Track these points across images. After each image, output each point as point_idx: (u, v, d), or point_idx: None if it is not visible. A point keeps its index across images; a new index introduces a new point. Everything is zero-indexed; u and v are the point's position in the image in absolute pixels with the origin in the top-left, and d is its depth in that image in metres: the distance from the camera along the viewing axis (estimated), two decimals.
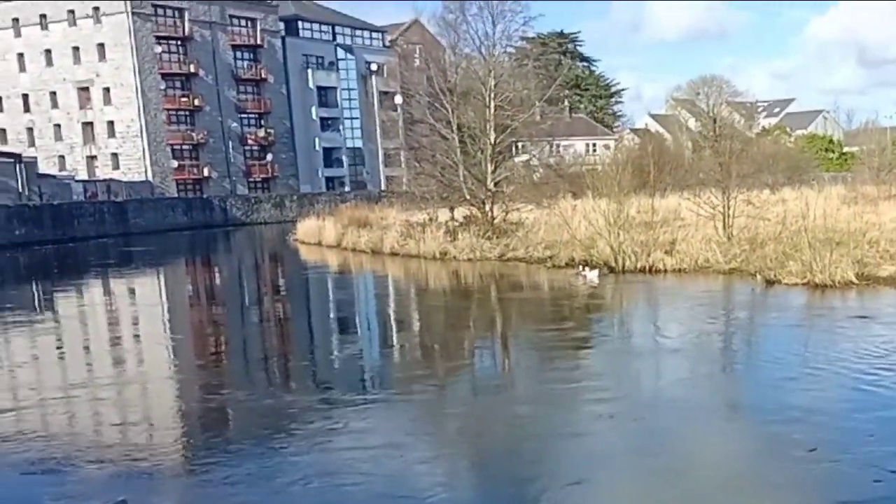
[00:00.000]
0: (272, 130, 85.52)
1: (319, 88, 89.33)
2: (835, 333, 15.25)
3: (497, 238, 31.11)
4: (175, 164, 78.05)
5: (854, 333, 15.00)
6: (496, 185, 33.48)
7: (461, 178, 33.58)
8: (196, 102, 79.40)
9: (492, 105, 33.24)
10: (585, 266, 24.10)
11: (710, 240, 24.98)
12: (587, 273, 23.24)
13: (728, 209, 25.89)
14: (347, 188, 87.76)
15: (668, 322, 17.57)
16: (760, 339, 15.83)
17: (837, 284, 19.47)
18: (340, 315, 22.19)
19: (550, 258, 27.12)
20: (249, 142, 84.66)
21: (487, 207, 32.96)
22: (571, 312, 19.40)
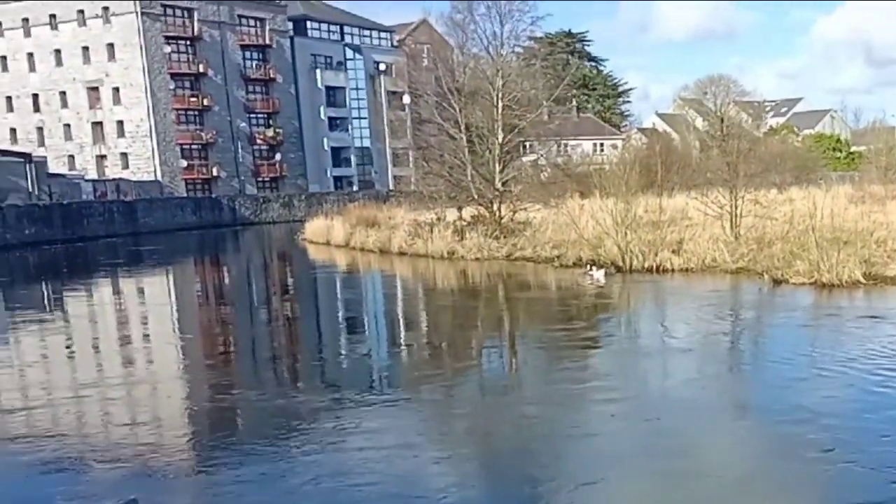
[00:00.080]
0: (281, 130, 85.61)
1: (328, 88, 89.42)
2: (843, 333, 15.24)
3: (505, 237, 31.17)
4: (184, 164, 78.26)
5: (862, 333, 15.01)
6: (504, 185, 33.51)
7: (469, 178, 33.60)
8: (205, 102, 79.58)
9: (500, 105, 33.27)
10: (593, 265, 24.18)
11: (718, 239, 25.02)
12: (594, 272, 23.31)
13: (735, 209, 25.92)
14: (356, 188, 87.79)
15: (676, 322, 17.58)
16: (769, 339, 15.81)
17: (845, 284, 19.50)
18: (349, 315, 22.28)
19: (558, 258, 27.18)
20: (258, 141, 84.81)
21: (495, 207, 33.00)
22: (579, 312, 19.43)
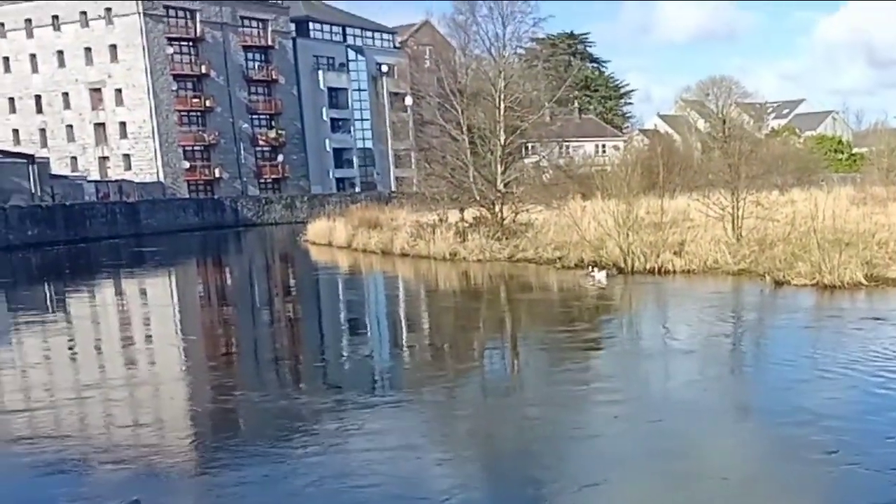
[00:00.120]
0: (283, 131, 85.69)
1: (330, 89, 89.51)
2: (845, 335, 15.22)
3: (507, 239, 31.20)
4: (186, 165, 78.36)
5: (864, 335, 14.98)
6: (506, 186, 33.54)
7: (471, 180, 33.63)
8: (207, 103, 79.67)
9: (502, 106, 33.30)
10: (595, 267, 24.21)
11: (720, 241, 25.03)
12: (596, 274, 23.35)
13: (737, 210, 25.92)
14: (358, 189, 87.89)
15: (678, 323, 17.60)
16: (771, 341, 15.79)
17: (846, 285, 19.49)
18: (351, 316, 22.29)
19: (560, 259, 27.19)
20: (260, 143, 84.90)
21: (497, 208, 33.03)
22: (581, 313, 19.43)
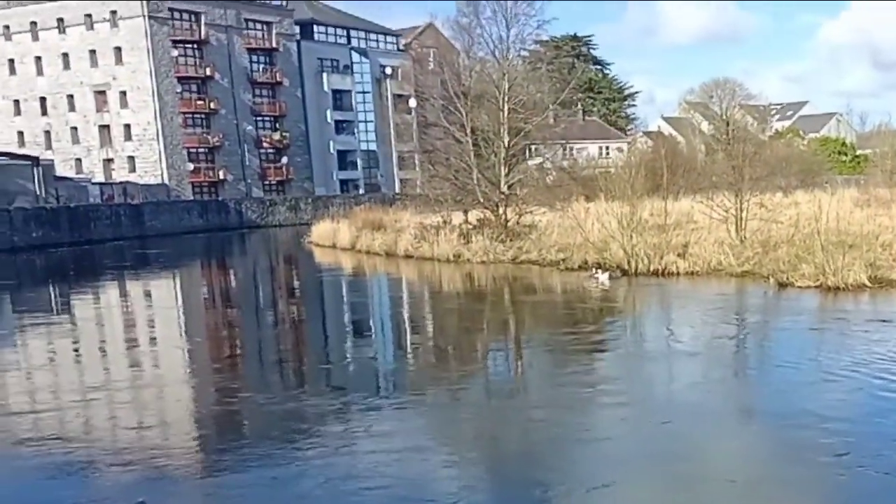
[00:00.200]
0: (287, 133, 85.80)
1: (334, 92, 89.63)
2: (850, 337, 15.19)
3: (510, 241, 31.21)
4: (191, 167, 78.48)
5: (869, 337, 14.94)
6: (509, 188, 33.58)
7: (475, 181, 33.68)
8: (212, 106, 79.79)
9: (505, 108, 33.32)
10: (598, 269, 24.23)
11: (723, 243, 25.04)
12: (600, 276, 23.38)
13: (741, 212, 25.94)
14: (362, 191, 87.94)
15: (682, 325, 17.58)
16: (775, 343, 15.75)
17: (850, 287, 19.47)
18: (356, 318, 22.34)
19: (563, 261, 27.19)
20: (265, 145, 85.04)
21: (501, 210, 33.05)
22: (585, 315, 19.44)
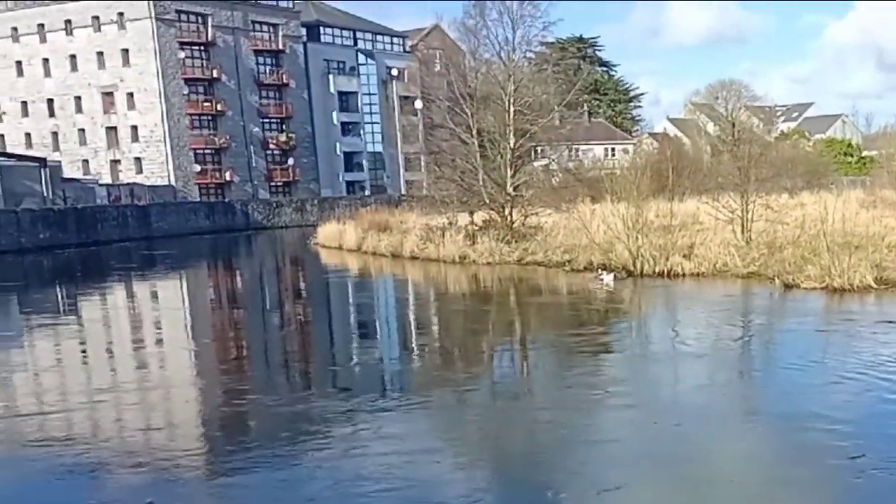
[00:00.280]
0: (294, 135, 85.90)
1: (340, 93, 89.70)
2: (857, 338, 15.17)
3: (516, 242, 31.27)
4: (197, 169, 78.64)
5: (876, 338, 14.95)
6: (515, 190, 33.63)
7: (481, 183, 33.73)
8: (219, 107, 79.93)
9: (511, 110, 33.39)
10: (604, 270, 24.27)
11: (729, 244, 25.07)
12: (605, 277, 23.42)
13: (746, 213, 25.96)
14: (368, 192, 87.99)
15: (688, 327, 17.55)
16: (781, 345, 15.74)
17: (856, 289, 19.49)
18: (362, 319, 22.39)
19: (569, 262, 27.24)
20: (271, 146, 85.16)
21: (507, 211, 33.10)
22: (590, 317, 19.45)
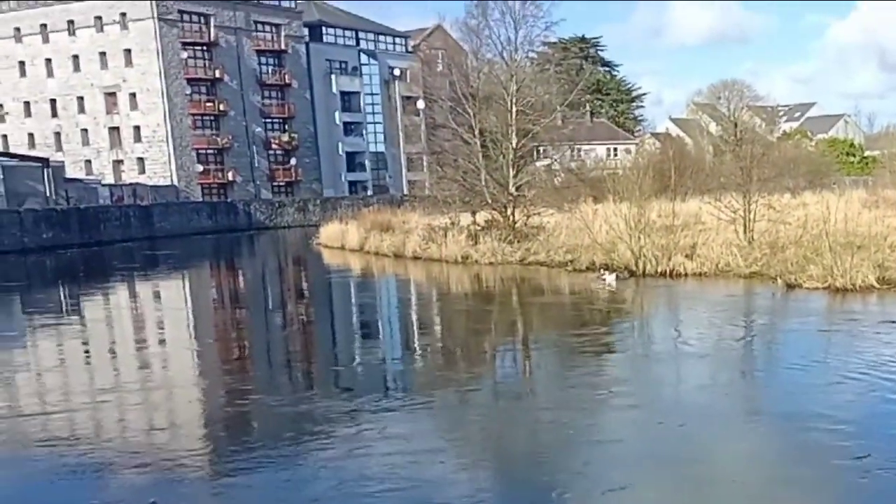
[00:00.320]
0: (296, 135, 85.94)
1: (343, 93, 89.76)
2: (859, 338, 15.15)
3: (518, 242, 31.28)
4: (200, 169, 78.67)
5: (879, 338, 14.93)
6: (518, 190, 33.63)
7: (483, 183, 33.73)
8: (221, 107, 79.98)
9: (514, 110, 33.39)
10: (606, 270, 24.29)
11: (731, 244, 25.07)
12: (607, 277, 23.43)
13: (749, 213, 25.96)
14: (370, 192, 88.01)
15: (690, 327, 17.55)
16: (784, 345, 15.71)
17: (858, 289, 19.48)
18: (365, 319, 22.40)
19: (571, 262, 27.23)
20: (273, 146, 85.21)
21: (509, 212, 33.12)
22: (592, 317, 19.44)
